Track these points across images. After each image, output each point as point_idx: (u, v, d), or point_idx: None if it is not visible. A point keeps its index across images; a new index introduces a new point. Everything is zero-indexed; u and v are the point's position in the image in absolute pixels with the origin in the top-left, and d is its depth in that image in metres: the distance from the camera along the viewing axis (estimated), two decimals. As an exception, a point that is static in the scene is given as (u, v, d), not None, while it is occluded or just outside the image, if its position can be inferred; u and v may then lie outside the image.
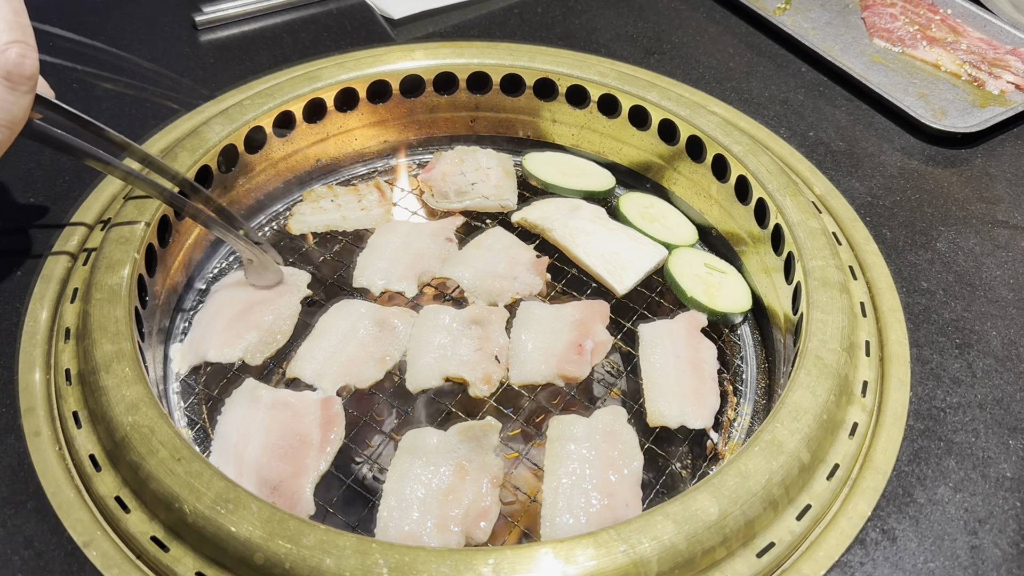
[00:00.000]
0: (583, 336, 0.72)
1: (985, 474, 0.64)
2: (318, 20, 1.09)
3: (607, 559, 0.51)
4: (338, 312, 0.75)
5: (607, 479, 0.62)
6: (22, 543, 0.57)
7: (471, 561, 0.51)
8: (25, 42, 0.56)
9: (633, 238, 0.83)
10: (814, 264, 0.71)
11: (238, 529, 0.52)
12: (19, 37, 0.56)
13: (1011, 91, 1.01)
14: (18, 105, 0.57)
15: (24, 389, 0.65)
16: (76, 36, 0.98)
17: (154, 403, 0.59)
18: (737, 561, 0.56)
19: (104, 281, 0.66)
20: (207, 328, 0.73)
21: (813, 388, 0.62)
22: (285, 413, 0.66)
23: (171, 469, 0.55)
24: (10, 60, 0.55)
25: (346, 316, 0.74)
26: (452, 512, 0.60)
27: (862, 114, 0.98)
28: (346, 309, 0.75)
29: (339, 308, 0.75)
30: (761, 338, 0.78)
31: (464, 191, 0.88)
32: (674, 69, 1.02)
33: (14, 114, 0.57)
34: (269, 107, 0.84)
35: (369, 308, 0.75)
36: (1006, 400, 0.69)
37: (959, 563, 0.59)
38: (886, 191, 0.87)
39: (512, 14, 1.11)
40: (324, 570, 0.51)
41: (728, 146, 0.82)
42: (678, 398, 0.69)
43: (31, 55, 0.57)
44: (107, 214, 0.79)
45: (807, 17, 1.13)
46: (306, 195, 0.88)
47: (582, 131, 0.93)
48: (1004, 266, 0.81)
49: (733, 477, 0.56)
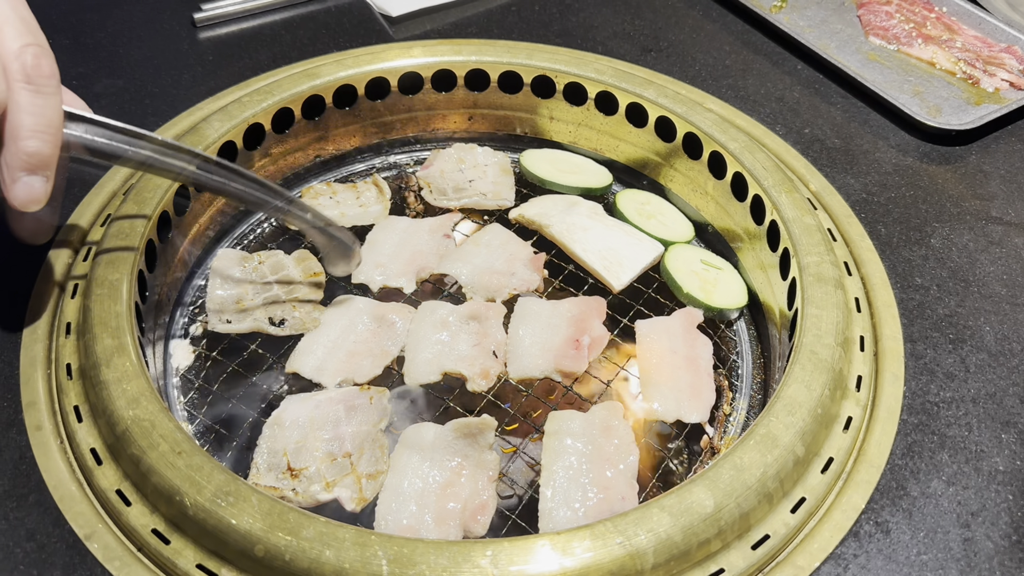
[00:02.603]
0: (580, 331, 0.73)
1: (978, 468, 0.65)
2: (317, 18, 1.09)
3: (604, 551, 0.52)
4: (337, 308, 0.75)
5: (604, 473, 0.63)
6: (24, 536, 0.57)
7: (469, 553, 0.51)
8: (38, 44, 0.56)
9: (630, 234, 0.83)
10: (809, 260, 0.71)
11: (238, 522, 0.53)
12: (31, 40, 0.55)
13: (1005, 89, 1.02)
14: (49, 106, 0.55)
15: (25, 383, 0.66)
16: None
17: (155, 397, 0.59)
18: (732, 553, 0.56)
19: (105, 276, 0.66)
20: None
21: (808, 383, 0.62)
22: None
23: (172, 463, 0.56)
24: (28, 63, 0.54)
25: (345, 312, 0.75)
26: (450, 506, 0.61)
27: (857, 111, 0.98)
28: (345, 305, 0.76)
29: (338, 304, 0.76)
30: (757, 334, 0.79)
31: (462, 188, 0.88)
32: (671, 67, 1.03)
33: (49, 117, 0.55)
34: (268, 104, 0.84)
35: (368, 304, 0.76)
36: (999, 395, 0.70)
37: (952, 555, 0.59)
38: (881, 188, 0.88)
39: (510, 12, 1.12)
40: (324, 562, 0.51)
41: (724, 143, 0.82)
42: (674, 393, 0.70)
43: (46, 55, 0.56)
44: (107, 209, 0.79)
45: (803, 15, 1.13)
46: (305, 192, 0.88)
47: (579, 128, 0.94)
48: (997, 262, 0.81)
49: (728, 470, 0.57)
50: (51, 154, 0.56)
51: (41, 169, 0.56)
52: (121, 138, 0.60)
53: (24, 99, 0.54)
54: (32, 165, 0.55)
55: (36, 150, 0.55)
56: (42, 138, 0.55)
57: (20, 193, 0.56)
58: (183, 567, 0.54)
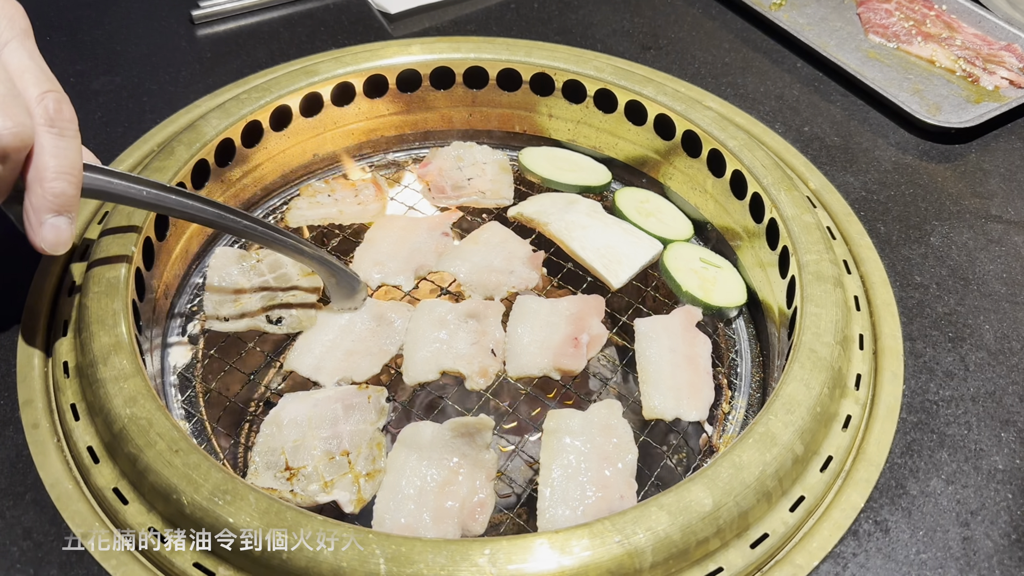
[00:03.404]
0: (579, 330, 0.73)
1: (977, 466, 0.65)
2: (315, 15, 1.09)
3: (602, 549, 0.52)
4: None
5: (602, 472, 0.63)
6: (21, 534, 0.57)
7: (467, 551, 0.51)
8: (57, 91, 0.58)
9: (629, 233, 0.83)
10: (808, 258, 0.71)
11: (235, 520, 0.53)
12: (49, 87, 0.57)
13: (1005, 87, 1.02)
14: (71, 148, 0.57)
15: (22, 381, 0.65)
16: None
17: (152, 395, 0.59)
18: (731, 552, 0.56)
19: (102, 274, 0.66)
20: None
21: (807, 381, 0.62)
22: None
23: (169, 461, 0.55)
24: (50, 108, 0.56)
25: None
26: (448, 504, 0.61)
27: (857, 109, 0.98)
28: (343, 303, 0.75)
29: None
30: (756, 332, 0.79)
31: (461, 186, 0.88)
32: (670, 64, 1.03)
33: (72, 159, 0.57)
34: (266, 101, 0.84)
35: (366, 302, 0.75)
36: (998, 393, 0.70)
37: (951, 554, 0.59)
38: (880, 186, 0.88)
39: (509, 9, 1.11)
40: (321, 561, 0.51)
41: (724, 141, 0.82)
42: (673, 391, 0.69)
43: (66, 101, 0.58)
44: (105, 207, 0.79)
45: (803, 13, 1.13)
46: (303, 190, 0.88)
47: (578, 126, 0.94)
48: (997, 260, 0.81)
49: (727, 469, 0.57)
50: (75, 195, 0.58)
51: (66, 210, 0.57)
52: (134, 187, 0.61)
53: (48, 142, 0.56)
54: (58, 206, 0.57)
55: (62, 191, 0.56)
56: (67, 179, 0.57)
57: (48, 235, 0.57)
58: (180, 565, 0.54)
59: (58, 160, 0.56)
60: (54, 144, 0.56)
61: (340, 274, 0.71)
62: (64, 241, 0.58)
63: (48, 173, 0.56)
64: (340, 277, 0.71)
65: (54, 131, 0.56)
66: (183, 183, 0.76)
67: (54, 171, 0.56)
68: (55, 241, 0.58)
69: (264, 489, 0.60)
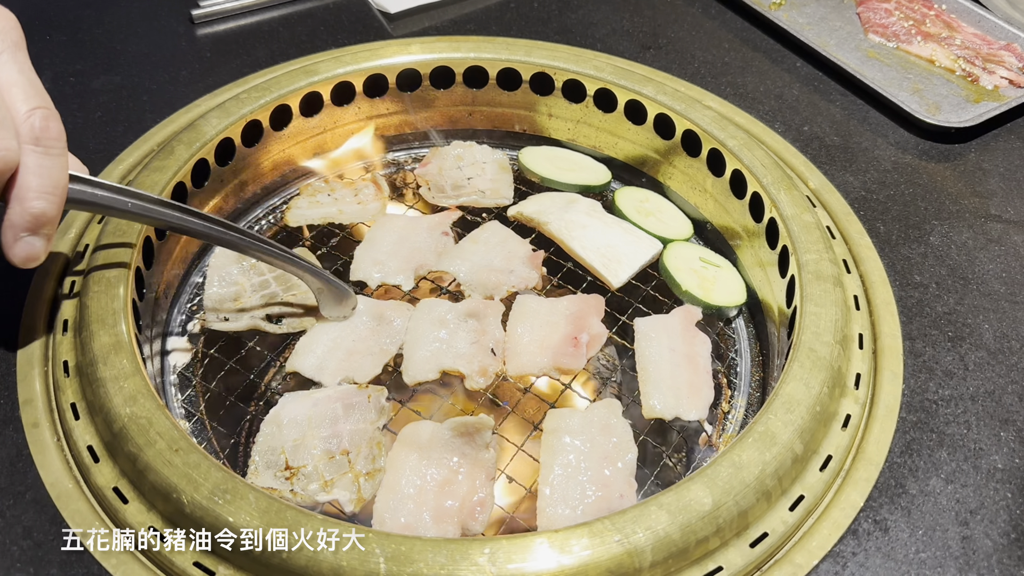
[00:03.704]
0: (578, 329, 0.73)
1: (977, 465, 0.65)
2: (315, 14, 1.09)
3: (602, 548, 0.52)
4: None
5: (602, 471, 0.63)
6: (21, 533, 0.57)
7: (467, 551, 0.51)
8: (46, 107, 0.57)
9: (629, 232, 0.83)
10: (808, 258, 0.71)
11: (235, 519, 0.53)
12: (39, 103, 0.57)
13: (1005, 86, 1.02)
14: (56, 167, 0.56)
15: (22, 381, 0.65)
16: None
17: (152, 395, 0.59)
18: (731, 551, 0.56)
19: (102, 273, 0.66)
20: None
21: (806, 380, 0.62)
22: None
23: (169, 460, 0.55)
24: (36, 125, 0.56)
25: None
26: (448, 504, 0.61)
27: (857, 109, 0.98)
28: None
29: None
30: (755, 331, 0.79)
31: (460, 186, 0.88)
32: (670, 64, 1.03)
33: (55, 178, 0.56)
34: (266, 101, 0.84)
35: (366, 302, 0.76)
36: (998, 392, 0.70)
37: (951, 553, 0.59)
38: (880, 185, 0.88)
39: (508, 9, 1.11)
40: (321, 560, 0.51)
41: (723, 141, 0.82)
42: (673, 391, 0.69)
43: (54, 118, 0.57)
44: (104, 207, 0.79)
45: (802, 12, 1.13)
46: (303, 189, 0.88)
47: (578, 126, 0.94)
48: (996, 260, 0.81)
49: (727, 468, 0.57)
50: (55, 215, 0.57)
51: (43, 229, 0.57)
52: (120, 199, 0.61)
53: (32, 161, 0.55)
54: (36, 226, 0.56)
55: (41, 211, 0.56)
56: (48, 199, 0.56)
57: (20, 252, 0.57)
58: (180, 565, 0.54)
59: (40, 180, 0.55)
60: (38, 163, 0.55)
61: (329, 283, 0.71)
62: (36, 257, 0.58)
63: (29, 193, 0.55)
64: (329, 287, 0.71)
65: (39, 150, 0.55)
66: (183, 183, 0.76)
67: (36, 191, 0.55)
68: (26, 258, 0.57)
69: (264, 488, 0.60)
